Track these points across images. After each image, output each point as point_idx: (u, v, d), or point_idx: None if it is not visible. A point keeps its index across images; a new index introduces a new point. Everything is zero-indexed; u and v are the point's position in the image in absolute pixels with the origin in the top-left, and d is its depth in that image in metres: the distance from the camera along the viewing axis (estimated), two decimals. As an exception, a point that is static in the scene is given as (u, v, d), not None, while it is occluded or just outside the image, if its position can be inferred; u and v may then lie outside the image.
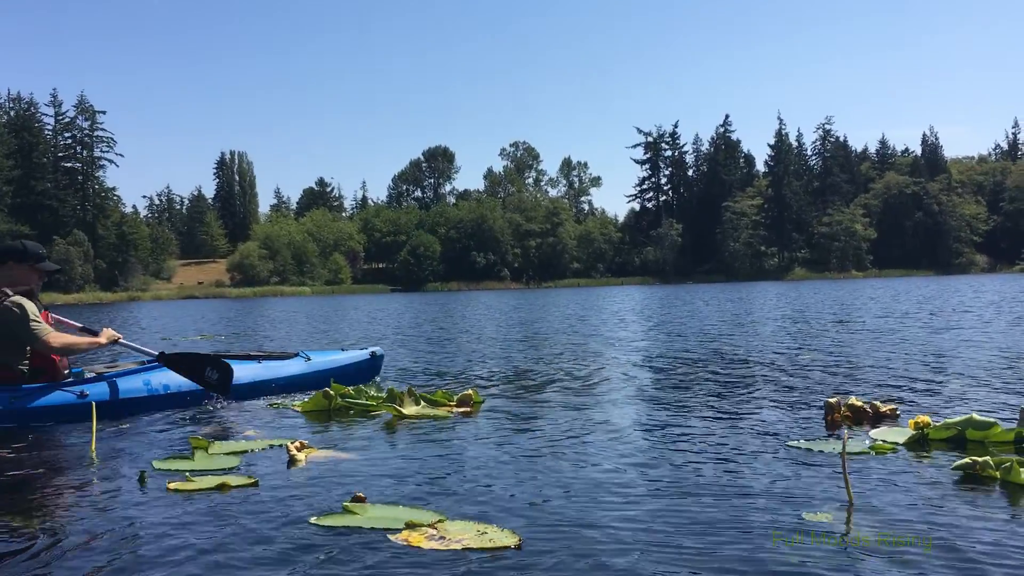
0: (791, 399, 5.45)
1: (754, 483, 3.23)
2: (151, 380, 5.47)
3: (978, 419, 3.96)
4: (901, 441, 3.96)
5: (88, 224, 74.70)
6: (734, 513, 2.85)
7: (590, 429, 4.48)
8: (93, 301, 64.39)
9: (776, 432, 4.28)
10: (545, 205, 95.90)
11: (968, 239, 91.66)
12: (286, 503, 3.06)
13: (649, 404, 5.41)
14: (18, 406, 4.85)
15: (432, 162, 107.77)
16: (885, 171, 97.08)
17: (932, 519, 2.74)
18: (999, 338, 9.30)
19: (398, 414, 4.99)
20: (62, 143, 78.84)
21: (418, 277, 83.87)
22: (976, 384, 5.84)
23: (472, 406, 5.27)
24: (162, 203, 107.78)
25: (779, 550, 2.48)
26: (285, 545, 2.59)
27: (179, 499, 3.16)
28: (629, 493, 3.14)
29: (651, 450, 3.91)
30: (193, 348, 10.95)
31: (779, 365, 7.47)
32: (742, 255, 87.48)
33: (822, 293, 30.39)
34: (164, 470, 3.64)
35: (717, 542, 2.57)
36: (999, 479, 3.16)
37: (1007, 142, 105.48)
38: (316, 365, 6.43)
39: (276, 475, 3.51)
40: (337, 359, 6.66)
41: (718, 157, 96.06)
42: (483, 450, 3.99)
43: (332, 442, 4.24)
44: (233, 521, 2.85)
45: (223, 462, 3.74)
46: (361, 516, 2.84)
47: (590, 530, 2.70)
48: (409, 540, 2.61)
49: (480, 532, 2.68)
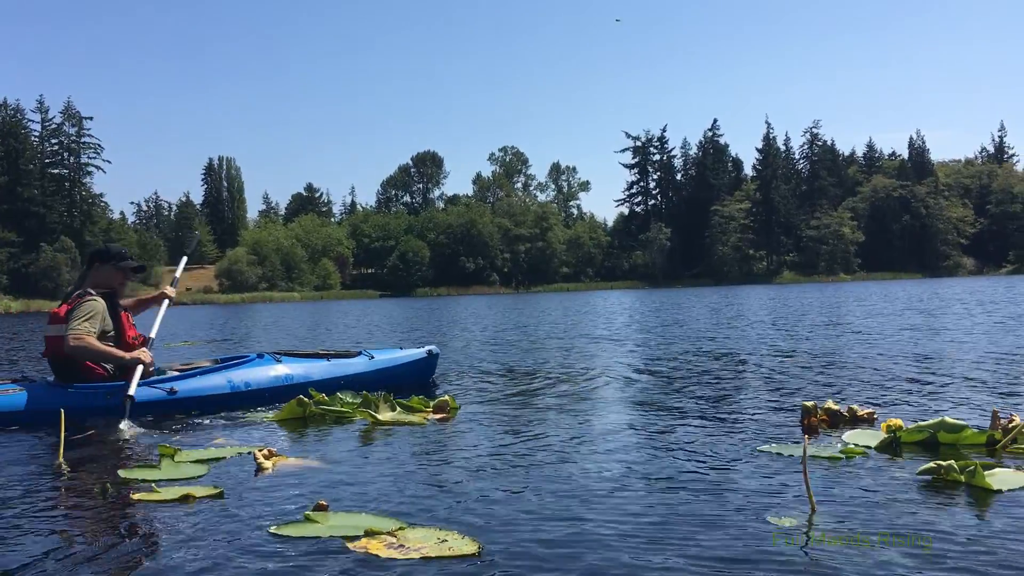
0: (770, 402, 5.45)
1: (722, 488, 3.22)
2: (233, 377, 5.75)
3: (950, 422, 3.95)
4: (873, 445, 3.95)
5: (75, 231, 74.29)
6: (699, 519, 2.83)
7: (563, 435, 4.46)
8: (80, 308, 63.98)
9: (751, 436, 4.28)
10: (534, 210, 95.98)
11: (955, 242, 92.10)
12: (249, 512, 3.03)
13: (626, 409, 5.40)
14: (114, 402, 5.12)
15: (421, 167, 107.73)
16: (872, 174, 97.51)
17: (893, 523, 2.73)
18: (982, 341, 9.33)
19: (374, 420, 4.96)
20: (49, 149, 78.44)
21: (407, 282, 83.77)
22: (956, 387, 5.85)
23: (448, 412, 5.25)
24: (150, 209, 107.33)
25: (739, 555, 2.47)
26: (242, 556, 2.56)
27: (142, 510, 3.13)
28: (593, 498, 3.12)
29: (621, 456, 3.90)
30: (182, 352, 10.92)
31: (761, 368, 7.47)
32: (730, 259, 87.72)
33: (809, 296, 30.47)
34: (130, 480, 3.60)
35: (677, 548, 2.55)
36: (964, 482, 3.15)
37: (993, 145, 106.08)
38: (379, 363, 6.63)
39: (242, 484, 3.48)
40: (397, 356, 6.85)
41: (706, 161, 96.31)
42: (453, 457, 3.97)
43: (302, 449, 4.21)
44: (193, 532, 2.82)
45: (190, 471, 3.70)
46: (322, 525, 2.81)
47: (551, 537, 2.68)
48: (368, 548, 2.59)
49: (440, 540, 2.65)
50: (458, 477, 3.51)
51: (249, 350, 5.92)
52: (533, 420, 4.98)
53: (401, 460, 3.90)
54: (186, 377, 5.62)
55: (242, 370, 5.86)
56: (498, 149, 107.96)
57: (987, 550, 2.46)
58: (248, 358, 6.10)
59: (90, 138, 78.97)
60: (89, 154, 78.97)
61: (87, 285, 5.50)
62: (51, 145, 78.63)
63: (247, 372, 5.86)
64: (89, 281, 5.53)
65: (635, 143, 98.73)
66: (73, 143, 78.52)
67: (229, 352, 6.26)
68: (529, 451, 4.05)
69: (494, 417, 5.14)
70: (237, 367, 5.90)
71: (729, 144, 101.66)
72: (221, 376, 5.74)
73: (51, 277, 68.03)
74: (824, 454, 3.77)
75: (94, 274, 5.55)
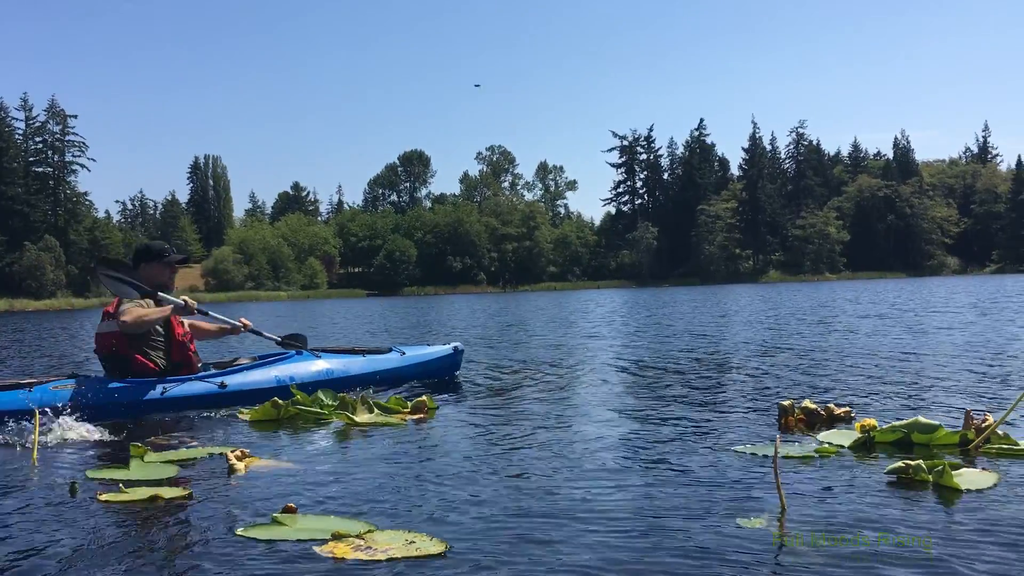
0: (749, 402, 5.45)
1: (694, 489, 3.21)
2: (278, 372, 5.98)
3: (923, 422, 3.96)
4: (847, 444, 3.95)
5: (60, 229, 73.82)
6: (668, 520, 2.82)
7: (539, 436, 4.44)
8: (64, 307, 63.61)
9: (728, 436, 4.27)
10: (521, 209, 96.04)
11: (939, 241, 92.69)
12: (215, 514, 3.00)
13: (603, 409, 5.38)
14: (170, 396, 5.40)
15: (408, 166, 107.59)
16: (857, 174, 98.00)
17: (860, 523, 2.72)
18: (963, 340, 9.37)
19: (350, 422, 4.93)
20: (33, 148, 77.83)
21: (394, 281, 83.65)
22: (936, 386, 5.86)
23: (426, 412, 5.23)
24: (135, 208, 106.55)
25: (707, 555, 2.46)
26: (205, 559, 2.53)
27: (108, 511, 3.09)
28: (564, 499, 3.11)
29: (594, 456, 3.88)
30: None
31: (742, 367, 7.49)
32: (717, 258, 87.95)
33: (794, 295, 30.58)
34: (98, 479, 3.57)
35: (645, 549, 2.54)
36: (932, 482, 3.16)
37: (977, 145, 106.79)
38: (410, 358, 6.90)
39: (212, 485, 3.45)
40: (427, 352, 7.11)
41: (693, 161, 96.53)
42: (427, 458, 3.94)
43: (276, 451, 4.18)
44: (158, 534, 2.79)
45: (160, 472, 3.66)
46: (289, 527, 2.78)
47: (519, 537, 2.67)
48: (334, 552, 2.56)
49: (408, 541, 2.63)
50: (430, 479, 3.49)
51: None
52: (510, 421, 4.96)
53: (374, 462, 3.88)
54: (235, 372, 5.84)
55: (285, 365, 6.11)
56: (485, 148, 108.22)
57: (950, 550, 2.46)
58: (288, 354, 6.33)
59: (74, 136, 78.57)
60: (73, 152, 78.55)
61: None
62: (35, 143, 78.06)
63: (291, 367, 6.10)
64: (140, 280, 5.69)
65: (622, 142, 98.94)
66: (57, 141, 78.00)
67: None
68: (503, 452, 4.04)
69: (472, 418, 5.12)
70: (280, 362, 6.14)
71: (715, 144, 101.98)
72: (266, 371, 5.97)
73: (35, 276, 67.54)
74: (798, 454, 3.76)
75: (144, 271, 5.69)
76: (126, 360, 5.50)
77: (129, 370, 5.50)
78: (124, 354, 5.49)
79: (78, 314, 42.79)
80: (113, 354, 5.55)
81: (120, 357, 5.51)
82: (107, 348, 5.56)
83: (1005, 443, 3.80)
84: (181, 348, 5.68)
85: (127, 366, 5.50)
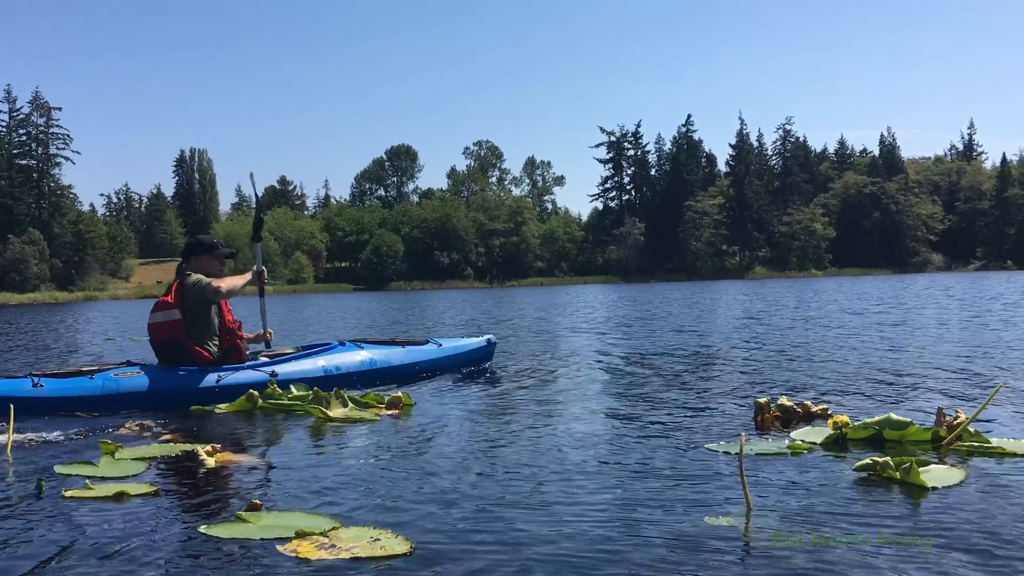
0: (726, 399, 5.44)
1: (663, 487, 3.20)
2: (325, 362, 6.16)
3: (895, 419, 3.97)
4: (819, 441, 3.97)
5: (44, 222, 73.26)
6: (635, 519, 2.81)
7: (512, 433, 4.42)
8: (49, 301, 63.20)
9: (702, 433, 4.26)
10: (509, 204, 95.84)
11: (924, 238, 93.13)
12: (181, 511, 2.98)
13: (579, 407, 5.36)
14: (224, 384, 5.56)
15: (395, 161, 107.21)
16: (844, 171, 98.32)
17: (824, 520, 2.73)
18: (943, 338, 9.42)
19: (324, 417, 4.91)
20: (16, 140, 77.18)
21: (381, 276, 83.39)
22: (915, 383, 5.88)
23: (401, 409, 5.20)
24: (120, 201, 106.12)
25: (671, 553, 2.45)
26: (166, 556, 2.51)
27: (72, 508, 3.05)
28: (530, 497, 3.10)
29: (566, 455, 3.87)
30: (147, 344, 10.76)
31: (723, 364, 7.49)
32: (704, 254, 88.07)
33: (779, 292, 30.67)
34: (65, 475, 3.53)
35: (609, 546, 2.53)
36: (899, 479, 3.16)
37: (962, 143, 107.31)
38: (447, 350, 7.11)
39: (180, 481, 3.43)
40: (462, 344, 7.32)
41: (680, 157, 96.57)
42: (398, 455, 3.92)
43: (248, 446, 4.16)
44: (119, 532, 2.76)
45: (129, 468, 3.63)
46: (254, 525, 2.76)
47: (486, 535, 2.66)
48: (298, 550, 2.54)
49: (373, 539, 2.62)
50: (400, 475, 3.47)
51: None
52: (485, 417, 4.94)
53: (344, 458, 3.86)
54: (284, 361, 6.00)
55: (331, 355, 6.28)
56: (473, 143, 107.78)
57: (912, 547, 2.47)
58: (332, 345, 6.48)
59: (59, 129, 77.97)
60: (58, 145, 77.93)
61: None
62: (19, 136, 77.40)
63: (336, 357, 6.27)
64: (189, 270, 5.90)
65: (610, 138, 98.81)
66: (41, 134, 77.37)
67: None
68: (474, 449, 4.02)
69: (446, 414, 5.09)
70: (325, 352, 6.30)
71: (703, 140, 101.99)
72: (314, 360, 6.13)
73: (19, 269, 67.06)
74: (770, 451, 3.77)
75: (194, 264, 5.95)
76: (181, 349, 5.68)
77: (183, 358, 5.67)
78: (179, 343, 5.67)
79: (62, 308, 42.49)
80: (168, 343, 5.73)
81: (175, 346, 5.70)
82: (162, 337, 5.75)
83: (976, 440, 3.81)
84: (231, 336, 5.87)
85: (181, 355, 5.68)
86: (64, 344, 13.17)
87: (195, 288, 5.69)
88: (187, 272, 5.84)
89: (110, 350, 11.01)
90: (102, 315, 27.80)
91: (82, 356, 10.05)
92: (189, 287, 5.71)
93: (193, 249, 6.07)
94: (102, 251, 76.26)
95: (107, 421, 4.93)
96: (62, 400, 5.24)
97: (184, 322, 5.67)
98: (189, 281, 5.74)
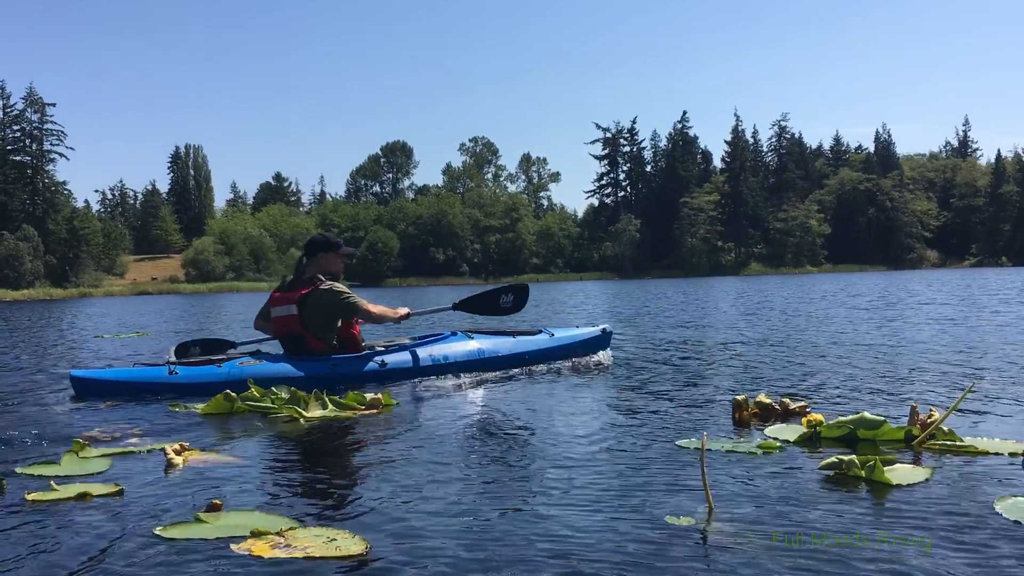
0: (709, 395, 5.39)
1: (627, 487, 3.17)
2: (433, 352, 6.36)
3: (869, 417, 3.96)
4: (792, 440, 3.95)
5: (38, 219, 73.14)
6: (594, 519, 2.79)
7: (487, 434, 4.39)
8: (43, 297, 63.07)
9: (676, 431, 4.23)
10: (504, 200, 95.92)
11: (919, 235, 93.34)
12: (141, 512, 2.94)
13: (556, 404, 5.32)
14: (339, 372, 5.95)
15: (391, 157, 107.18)
16: (839, 168, 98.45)
17: (785, 520, 2.71)
18: (931, 335, 9.41)
19: (300, 417, 4.87)
20: (10, 136, 77.05)
21: (377, 272, 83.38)
22: (898, 381, 5.84)
23: (381, 409, 5.17)
24: (115, 197, 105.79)
25: (628, 554, 2.44)
26: (117, 559, 2.47)
27: (31, 510, 3.01)
28: (493, 497, 3.08)
29: (534, 454, 3.84)
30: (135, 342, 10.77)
31: (708, 360, 7.46)
32: (699, 250, 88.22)
33: (773, 288, 30.68)
34: (28, 475, 3.49)
35: (568, 548, 2.51)
36: (864, 478, 3.15)
37: (957, 139, 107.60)
38: (559, 340, 7.08)
39: (145, 481, 3.38)
40: (576, 334, 7.28)
41: (676, 153, 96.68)
42: (369, 455, 3.90)
43: (218, 446, 4.11)
44: (76, 534, 2.72)
45: (94, 467, 3.60)
46: (211, 525, 2.74)
47: (444, 536, 2.63)
48: (252, 550, 2.52)
49: (329, 539, 2.60)
50: (366, 476, 3.45)
51: None
52: (462, 417, 4.90)
53: (313, 458, 3.84)
54: (395, 352, 6.26)
55: (440, 345, 6.46)
56: (468, 139, 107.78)
57: (871, 545, 2.46)
58: (443, 335, 6.68)
59: (53, 125, 77.80)
60: (52, 141, 77.79)
61: (312, 271, 6.19)
62: (13, 132, 77.26)
63: (445, 347, 6.46)
64: (314, 268, 6.21)
65: (605, 135, 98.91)
66: (35, 130, 77.23)
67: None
68: (445, 449, 3.98)
69: (424, 415, 5.05)
70: (436, 342, 6.51)
71: (698, 136, 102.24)
72: (424, 351, 6.34)
73: (13, 266, 66.89)
74: (740, 449, 3.74)
75: (320, 261, 6.23)
76: (302, 340, 6.06)
77: (304, 348, 6.06)
78: (300, 334, 6.04)
79: (57, 304, 42.39)
80: (288, 335, 6.12)
81: (297, 337, 6.08)
82: (286, 329, 6.13)
83: (948, 439, 3.80)
84: (348, 329, 6.19)
85: (303, 345, 6.06)
86: (75, 339, 13.12)
87: (337, 301, 6.02)
88: (318, 277, 6.09)
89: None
90: (102, 311, 27.72)
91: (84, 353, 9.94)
92: (326, 295, 5.99)
93: (320, 246, 6.28)
94: (97, 247, 76.12)
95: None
96: (195, 386, 5.69)
97: (301, 316, 6.01)
98: (324, 287, 6.01)
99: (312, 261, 6.24)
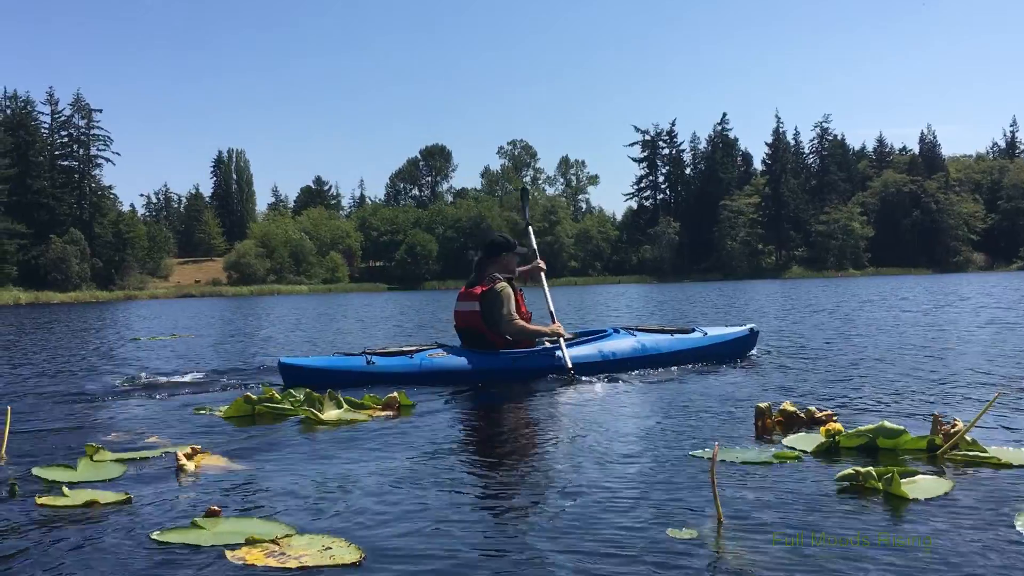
0: (732, 402, 5.23)
1: (636, 498, 3.09)
2: (602, 347, 6.75)
3: (889, 426, 3.84)
4: (810, 449, 3.84)
5: (85, 223, 74.47)
6: (598, 530, 2.73)
7: (500, 439, 4.36)
8: (90, 300, 64.26)
9: (694, 440, 4.13)
10: (543, 203, 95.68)
11: (965, 237, 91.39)
12: (144, 517, 2.94)
13: (574, 409, 5.24)
14: (517, 366, 6.40)
15: (430, 160, 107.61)
16: (883, 169, 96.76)
17: (798, 532, 2.63)
18: (969, 341, 9.17)
19: (316, 419, 4.87)
20: (58, 141, 78.53)
21: (415, 275, 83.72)
22: (932, 389, 5.60)
23: (398, 411, 5.15)
24: (159, 201, 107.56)
25: (635, 565, 2.38)
26: (112, 566, 2.46)
27: (40, 515, 3.02)
28: (498, 506, 3.04)
29: (545, 462, 3.79)
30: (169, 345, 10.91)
31: (739, 365, 7.26)
32: (739, 253, 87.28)
33: (815, 291, 30.22)
34: (42, 479, 3.52)
35: (565, 561, 2.46)
36: (881, 490, 3.05)
37: (1005, 140, 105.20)
38: (712, 338, 7.34)
39: (154, 487, 3.38)
40: (727, 333, 7.54)
41: (715, 155, 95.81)
42: (377, 460, 3.84)
43: (230, 449, 4.10)
44: (77, 540, 2.71)
45: (107, 471, 3.61)
46: (207, 532, 2.72)
47: (444, 545, 2.59)
48: (246, 558, 2.50)
49: (324, 548, 2.57)
50: (372, 482, 3.41)
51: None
52: (479, 421, 4.88)
53: (322, 462, 3.81)
54: (567, 347, 6.51)
55: (606, 341, 6.83)
56: (507, 142, 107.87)
57: (880, 562, 2.37)
58: (607, 332, 7.01)
59: (99, 130, 79.10)
60: (98, 146, 79.07)
61: (492, 271, 6.64)
62: (60, 137, 78.74)
63: (611, 343, 6.81)
64: (493, 268, 6.67)
65: (644, 137, 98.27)
66: (82, 135, 78.62)
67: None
68: (456, 456, 3.94)
69: (441, 418, 5.00)
70: (601, 339, 6.86)
71: (738, 138, 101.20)
72: (592, 346, 6.73)
73: (60, 269, 68.18)
74: (756, 459, 3.65)
75: (500, 261, 6.70)
76: (480, 334, 6.54)
77: (483, 343, 6.52)
78: (478, 329, 6.52)
79: (103, 307, 43.12)
80: (468, 329, 6.61)
81: (474, 332, 6.56)
82: (465, 323, 6.63)
83: (973, 449, 3.67)
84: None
85: (482, 340, 6.53)
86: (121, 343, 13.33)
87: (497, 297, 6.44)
88: (496, 276, 6.54)
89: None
90: (129, 314, 28.16)
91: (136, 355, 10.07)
92: (495, 296, 6.45)
93: (502, 247, 6.73)
94: (142, 251, 77.40)
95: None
96: (390, 375, 6.18)
97: (482, 313, 6.47)
98: (498, 288, 6.46)
99: (495, 260, 6.67)
